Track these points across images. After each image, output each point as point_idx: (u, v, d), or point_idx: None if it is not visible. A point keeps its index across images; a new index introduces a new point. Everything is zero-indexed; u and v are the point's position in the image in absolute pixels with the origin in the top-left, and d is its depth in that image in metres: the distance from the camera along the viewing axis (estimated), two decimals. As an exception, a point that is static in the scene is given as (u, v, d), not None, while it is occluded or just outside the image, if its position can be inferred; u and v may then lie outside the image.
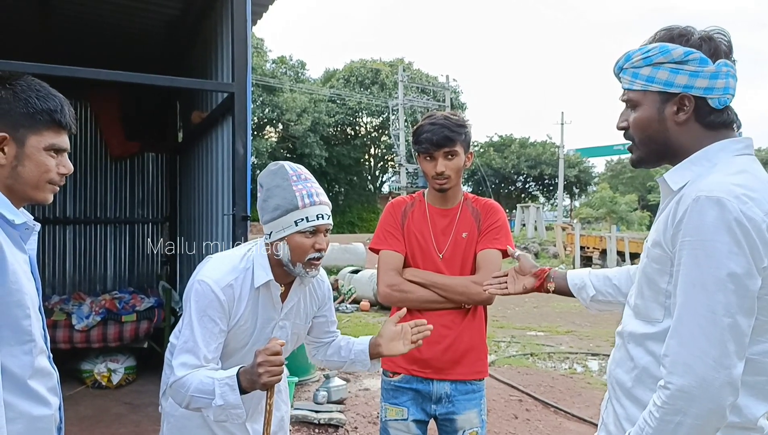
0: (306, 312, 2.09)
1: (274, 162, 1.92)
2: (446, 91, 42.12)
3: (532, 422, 4.99)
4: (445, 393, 2.34)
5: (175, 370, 1.81)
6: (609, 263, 22.49)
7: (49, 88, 1.52)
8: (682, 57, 1.35)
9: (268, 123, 44.43)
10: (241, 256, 1.94)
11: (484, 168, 47.65)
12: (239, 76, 3.96)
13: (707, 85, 1.35)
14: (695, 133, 1.40)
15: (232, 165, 4.02)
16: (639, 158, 1.51)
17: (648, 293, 1.42)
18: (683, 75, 1.36)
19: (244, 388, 1.73)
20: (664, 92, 1.39)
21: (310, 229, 1.82)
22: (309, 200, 1.81)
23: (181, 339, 1.85)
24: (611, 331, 9.51)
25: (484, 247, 2.35)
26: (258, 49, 41.67)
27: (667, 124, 1.41)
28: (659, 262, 1.37)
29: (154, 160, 7.28)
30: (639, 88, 1.43)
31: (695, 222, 1.25)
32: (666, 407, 1.24)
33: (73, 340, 5.29)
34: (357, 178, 51.57)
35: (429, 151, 2.31)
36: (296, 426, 4.53)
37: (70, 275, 6.89)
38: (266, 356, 1.70)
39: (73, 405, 4.85)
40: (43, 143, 1.47)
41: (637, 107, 1.45)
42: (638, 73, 1.42)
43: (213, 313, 1.83)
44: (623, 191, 51.75)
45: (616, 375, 1.50)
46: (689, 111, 1.38)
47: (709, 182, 1.29)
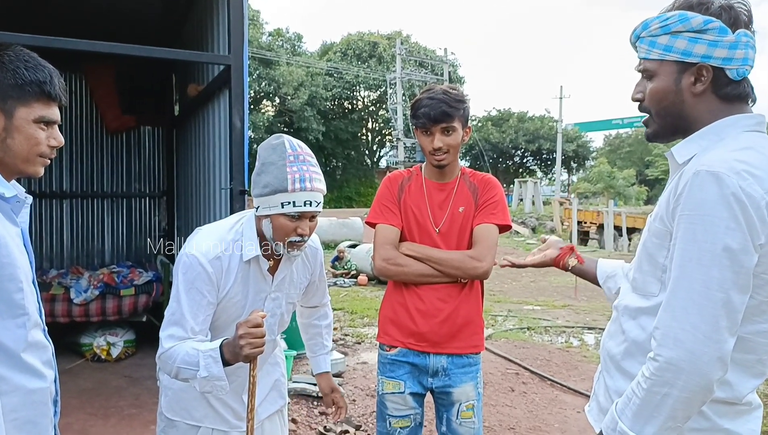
0: (300, 281, 2.10)
1: (276, 135, 1.88)
2: (444, 64, 41.82)
3: (529, 395, 5.05)
4: (442, 366, 2.36)
5: (163, 342, 1.82)
6: (606, 238, 22.57)
7: (39, 58, 1.49)
8: (702, 25, 1.32)
9: (264, 97, 44.09)
10: (229, 227, 1.93)
11: (481, 142, 47.51)
12: (236, 48, 3.91)
13: (726, 55, 1.32)
14: (711, 105, 1.37)
15: (229, 139, 3.99)
16: (654, 132, 1.47)
17: (646, 267, 1.41)
18: (702, 44, 1.32)
19: (227, 360, 1.73)
20: (682, 62, 1.35)
21: (295, 214, 1.80)
22: (300, 185, 1.77)
23: (168, 311, 1.86)
24: (607, 306, 9.56)
25: (480, 222, 2.35)
26: (254, 21, 41.21)
27: (684, 96, 1.37)
28: (659, 237, 1.37)
29: (151, 133, 7.23)
30: (656, 58, 1.39)
31: (694, 196, 1.24)
32: (654, 378, 1.25)
33: (71, 313, 5.32)
34: (354, 153, 51.41)
35: (427, 127, 2.30)
36: (295, 398, 4.58)
37: (67, 249, 6.89)
38: (247, 328, 1.69)
39: (72, 378, 4.90)
40: (33, 115, 1.45)
41: (653, 77, 1.41)
42: (656, 42, 1.38)
43: (201, 285, 1.83)
44: (621, 166, 51.79)
45: (608, 347, 1.52)
46: (707, 82, 1.35)
47: (710, 157, 1.27)
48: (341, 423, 4.20)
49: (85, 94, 6.90)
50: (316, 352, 2.38)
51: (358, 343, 6.50)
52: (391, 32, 50.17)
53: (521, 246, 21.91)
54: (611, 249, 21.93)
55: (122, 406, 4.39)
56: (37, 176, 1.53)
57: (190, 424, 2.02)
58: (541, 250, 1.99)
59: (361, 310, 8.40)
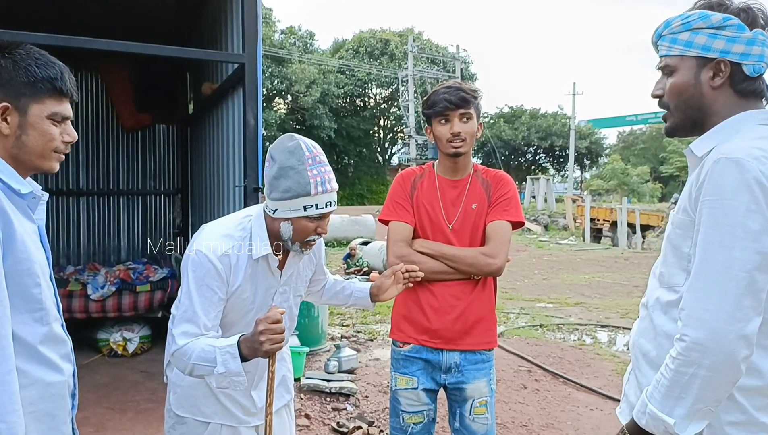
0: (305, 274, 2.15)
1: (288, 136, 1.88)
2: (456, 61, 41.68)
3: (541, 392, 5.05)
4: (455, 363, 2.37)
5: (176, 339, 1.83)
6: (620, 235, 22.44)
7: (49, 56, 1.51)
8: (721, 22, 1.39)
9: (277, 94, 44.19)
10: (236, 224, 1.95)
11: (494, 139, 47.30)
12: (249, 47, 3.94)
13: (744, 51, 1.39)
14: (728, 99, 1.43)
15: (243, 136, 4.02)
16: (674, 125, 1.53)
17: (672, 260, 1.45)
18: (721, 40, 1.39)
19: (245, 356, 1.75)
20: (702, 57, 1.42)
21: (317, 215, 1.84)
22: (322, 188, 1.80)
23: (180, 308, 1.87)
24: (620, 303, 9.59)
25: (494, 219, 2.36)
26: (266, 19, 41.26)
27: (703, 89, 1.44)
28: (683, 227, 1.41)
29: (166, 131, 7.29)
30: (677, 54, 1.46)
31: (715, 182, 1.29)
32: (681, 359, 1.28)
33: (88, 309, 5.39)
34: (366, 150, 51.38)
35: (445, 113, 2.31)
36: (308, 395, 4.61)
37: (84, 246, 6.97)
38: (267, 324, 1.71)
39: (89, 373, 4.96)
40: (46, 111, 1.48)
41: (673, 73, 1.48)
42: (677, 39, 1.45)
43: (211, 281, 1.85)
44: (635, 163, 51.37)
45: (640, 345, 1.52)
46: (725, 76, 1.41)
47: (729, 146, 1.33)
48: (354, 419, 4.23)
49: (101, 93, 6.98)
50: (346, 288, 2.34)
51: (371, 340, 6.52)
52: (403, 29, 50.07)
53: (533, 243, 21.84)
54: (624, 246, 21.80)
55: (138, 400, 4.44)
56: (52, 172, 1.56)
57: (200, 420, 2.03)
58: None
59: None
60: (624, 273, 13.94)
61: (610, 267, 15.12)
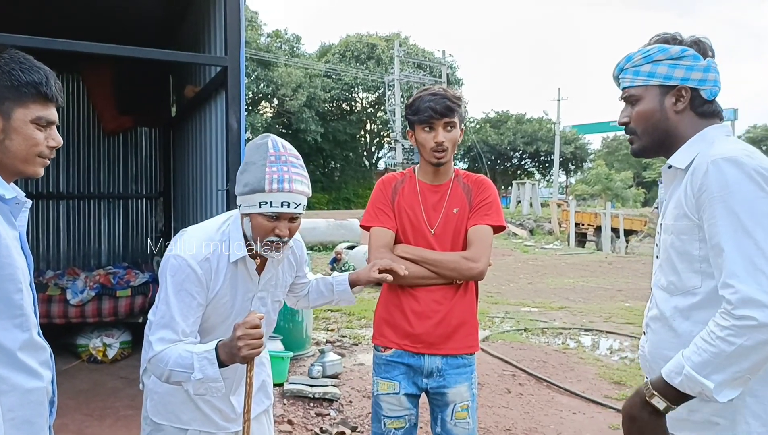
0: (284, 279, 2.10)
1: (264, 134, 1.87)
2: (443, 66, 41.84)
3: (525, 396, 5.05)
4: (437, 367, 2.36)
5: (153, 345, 1.80)
6: (603, 240, 22.59)
7: (34, 60, 1.50)
8: (679, 53, 1.55)
9: (263, 98, 44.11)
10: (216, 228, 1.93)
11: (480, 144, 47.51)
12: (232, 50, 3.91)
13: (701, 78, 1.55)
14: (691, 121, 1.58)
15: (225, 140, 3.99)
16: (642, 147, 1.66)
17: (681, 266, 1.51)
18: (680, 69, 1.55)
19: (223, 362, 1.74)
20: (664, 85, 1.57)
21: (272, 214, 1.79)
22: (277, 186, 1.76)
23: (157, 314, 1.84)
24: (604, 307, 9.64)
25: (475, 223, 2.35)
26: (252, 22, 41.23)
27: (668, 114, 1.58)
28: (687, 232, 1.49)
29: (148, 134, 7.23)
30: (641, 84, 1.60)
31: (718, 180, 1.39)
32: (732, 329, 1.32)
33: (68, 314, 5.31)
34: (353, 154, 51.43)
35: (430, 121, 2.30)
36: (291, 400, 4.57)
37: (64, 250, 6.89)
38: (245, 330, 1.70)
39: (69, 379, 4.89)
40: (30, 116, 1.46)
41: (638, 101, 1.61)
42: (639, 71, 1.60)
43: (190, 286, 1.82)
44: (619, 168, 51.81)
45: (663, 357, 1.51)
46: (686, 101, 1.57)
47: (718, 150, 1.44)
48: (337, 424, 4.21)
49: (83, 95, 6.91)
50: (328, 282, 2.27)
51: (355, 345, 6.49)
52: (390, 34, 50.23)
53: (519, 247, 21.93)
54: (608, 251, 21.96)
55: (118, 407, 4.38)
56: (36, 177, 1.54)
57: (177, 427, 2.00)
58: None
59: (358, 311, 8.40)
60: (608, 277, 14.04)
61: (594, 271, 15.21)
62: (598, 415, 4.66)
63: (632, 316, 8.88)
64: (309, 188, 1.85)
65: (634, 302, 10.24)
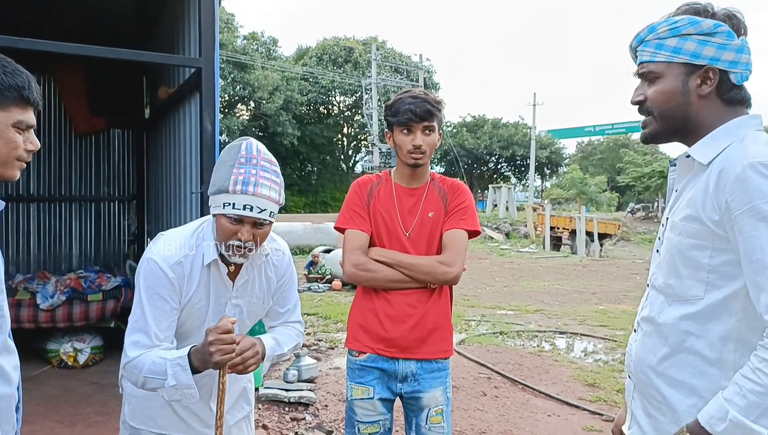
0: (262, 290, 2.03)
1: (243, 137, 1.85)
2: (420, 70, 41.99)
3: (500, 399, 5.08)
4: (411, 372, 2.35)
5: (127, 350, 1.79)
6: (578, 243, 22.85)
7: (16, 64, 1.50)
8: (712, 29, 1.35)
9: (239, 100, 43.82)
10: (191, 231, 1.91)
11: (456, 148, 47.76)
12: (206, 51, 3.88)
13: (733, 59, 1.35)
14: (715, 108, 1.39)
15: (200, 142, 3.95)
16: (654, 132, 1.47)
17: (685, 271, 1.37)
18: (711, 47, 1.35)
19: (196, 368, 1.73)
20: (690, 64, 1.38)
21: (234, 216, 1.75)
22: (241, 188, 1.71)
23: (132, 318, 1.83)
24: (579, 310, 9.73)
25: (450, 227, 2.35)
26: (228, 24, 40.93)
27: (690, 97, 1.39)
28: (697, 237, 1.34)
29: (121, 136, 7.13)
30: (663, 60, 1.40)
31: (754, 187, 1.24)
32: None
33: (38, 319, 5.21)
34: (330, 158, 51.34)
35: (409, 124, 2.30)
36: (266, 404, 4.53)
37: (34, 254, 6.74)
38: (217, 335, 1.69)
39: (38, 385, 4.79)
40: (11, 120, 1.45)
41: (658, 79, 1.42)
42: (663, 45, 1.39)
43: (162, 290, 1.80)
44: (593, 173, 52.50)
45: (649, 362, 1.44)
46: (713, 84, 1.37)
47: (750, 151, 1.28)
48: (313, 429, 4.18)
49: (54, 96, 6.78)
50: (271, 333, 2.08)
51: (332, 349, 6.47)
52: (367, 38, 50.28)
53: (495, 251, 22.07)
54: (583, 254, 22.21)
55: (89, 413, 4.30)
56: (13, 180, 1.53)
57: (155, 432, 1.98)
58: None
59: (334, 315, 8.37)
60: (582, 280, 14.18)
61: (569, 275, 15.36)
62: (573, 417, 4.70)
63: (606, 318, 8.99)
64: (280, 196, 1.80)
65: (607, 305, 10.36)
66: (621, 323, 8.50)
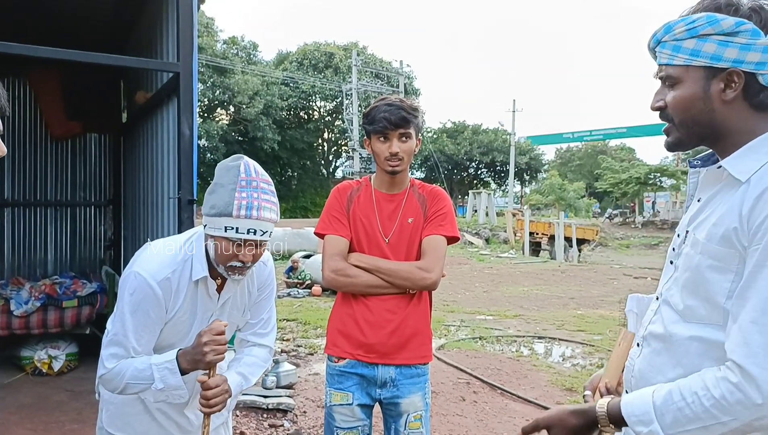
0: (243, 302, 2.04)
1: (238, 155, 1.83)
2: (400, 76, 42.15)
3: (479, 404, 5.09)
4: (390, 377, 2.36)
5: (105, 362, 1.80)
6: (557, 249, 23.03)
7: None
8: (733, 28, 1.20)
9: (219, 105, 43.60)
10: (180, 245, 1.89)
11: (437, 154, 47.95)
12: (184, 56, 3.86)
13: (759, 60, 1.20)
14: (743, 113, 1.26)
15: (177, 147, 3.92)
16: (678, 140, 1.34)
17: (704, 294, 1.26)
18: (733, 48, 1.21)
19: (185, 369, 1.79)
20: (710, 67, 1.24)
21: (237, 240, 1.75)
22: (245, 212, 1.71)
23: (111, 330, 1.82)
24: (557, 315, 9.80)
25: (429, 233, 2.37)
26: (208, 28, 40.75)
27: (713, 104, 1.26)
28: (720, 259, 1.22)
29: (98, 141, 7.02)
30: (681, 63, 1.27)
31: None
32: (723, 403, 1.14)
33: (11, 326, 5.12)
34: (310, 163, 51.27)
35: (385, 132, 2.31)
36: (244, 411, 4.50)
37: (8, 259, 6.61)
38: (212, 336, 1.77)
39: (12, 393, 4.71)
40: None
41: (677, 84, 1.29)
42: (680, 46, 1.26)
43: (147, 307, 1.80)
44: (572, 179, 53.10)
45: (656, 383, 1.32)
46: (738, 88, 1.23)
47: None
48: (291, 436, 4.15)
49: (29, 100, 6.68)
50: (237, 367, 2.05)
51: (311, 354, 6.44)
52: (348, 43, 50.37)
53: (475, 256, 22.16)
54: (561, 259, 22.39)
55: (64, 421, 4.23)
56: None
57: None
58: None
59: (314, 320, 8.34)
60: (560, 285, 14.30)
61: (547, 280, 15.47)
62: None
63: (584, 323, 9.07)
64: (277, 215, 1.82)
65: (585, 310, 10.46)
66: (599, 328, 8.58)
